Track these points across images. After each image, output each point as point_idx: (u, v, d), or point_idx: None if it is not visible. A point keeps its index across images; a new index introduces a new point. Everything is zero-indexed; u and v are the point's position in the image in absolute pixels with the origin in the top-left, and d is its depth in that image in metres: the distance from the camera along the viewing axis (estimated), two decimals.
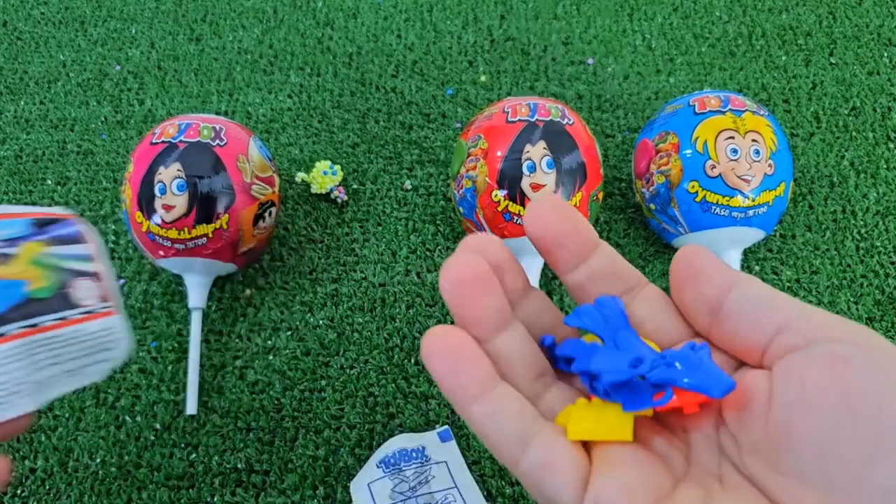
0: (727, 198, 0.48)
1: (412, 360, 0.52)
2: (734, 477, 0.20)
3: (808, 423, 0.18)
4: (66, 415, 0.50)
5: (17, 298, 0.26)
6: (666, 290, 0.23)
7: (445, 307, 0.54)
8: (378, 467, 0.46)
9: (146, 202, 0.48)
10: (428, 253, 0.57)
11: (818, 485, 0.17)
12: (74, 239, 0.30)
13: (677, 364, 0.20)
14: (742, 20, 0.70)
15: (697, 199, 0.49)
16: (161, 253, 0.49)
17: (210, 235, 0.48)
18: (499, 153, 0.49)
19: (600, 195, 0.52)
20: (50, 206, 0.60)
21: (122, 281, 0.56)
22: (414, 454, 0.46)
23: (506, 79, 0.67)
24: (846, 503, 0.17)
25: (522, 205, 0.48)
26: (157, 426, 0.50)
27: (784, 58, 0.67)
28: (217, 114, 0.65)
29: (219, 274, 0.52)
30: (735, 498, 0.19)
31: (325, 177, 0.58)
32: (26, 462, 0.48)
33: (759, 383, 0.20)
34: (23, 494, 0.47)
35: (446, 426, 0.48)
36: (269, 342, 0.53)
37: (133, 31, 0.72)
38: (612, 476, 0.19)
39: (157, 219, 0.48)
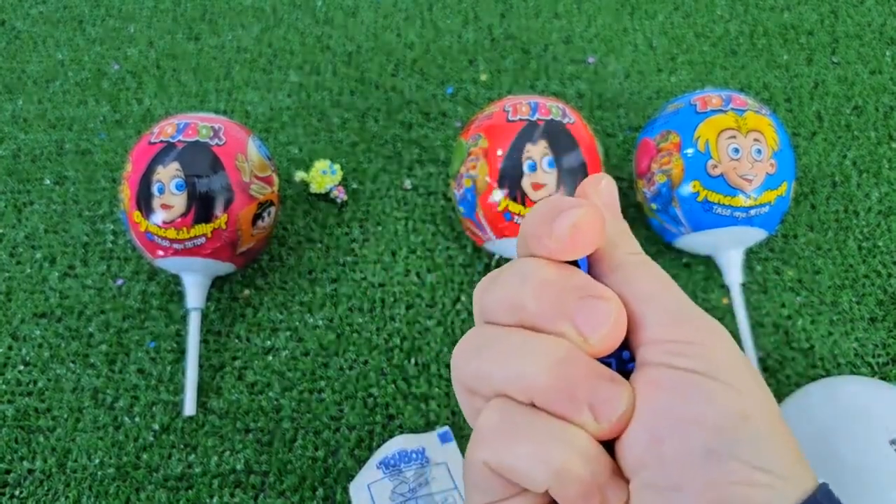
0: (729, 197, 0.48)
1: (412, 361, 0.51)
2: None
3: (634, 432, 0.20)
4: (65, 415, 0.50)
5: None
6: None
7: (445, 308, 0.54)
8: (378, 468, 0.45)
9: (144, 202, 0.48)
10: (428, 253, 0.56)
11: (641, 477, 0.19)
12: None
13: None
14: (743, 19, 0.70)
15: (699, 199, 0.49)
16: (160, 253, 0.49)
17: (209, 235, 0.48)
18: (499, 152, 0.49)
19: None
20: (48, 205, 0.60)
21: (120, 281, 0.55)
22: (414, 455, 0.46)
23: (506, 77, 0.66)
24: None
25: (523, 204, 0.48)
26: (156, 427, 0.49)
27: (786, 56, 0.67)
28: (216, 113, 0.65)
29: (217, 274, 0.51)
30: None
31: (324, 176, 0.58)
32: (24, 463, 0.48)
33: None
34: (21, 495, 0.47)
35: (446, 427, 0.48)
36: (268, 343, 0.53)
37: (131, 30, 0.71)
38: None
39: (155, 218, 0.47)
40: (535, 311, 0.20)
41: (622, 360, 0.21)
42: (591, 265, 0.21)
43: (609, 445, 0.20)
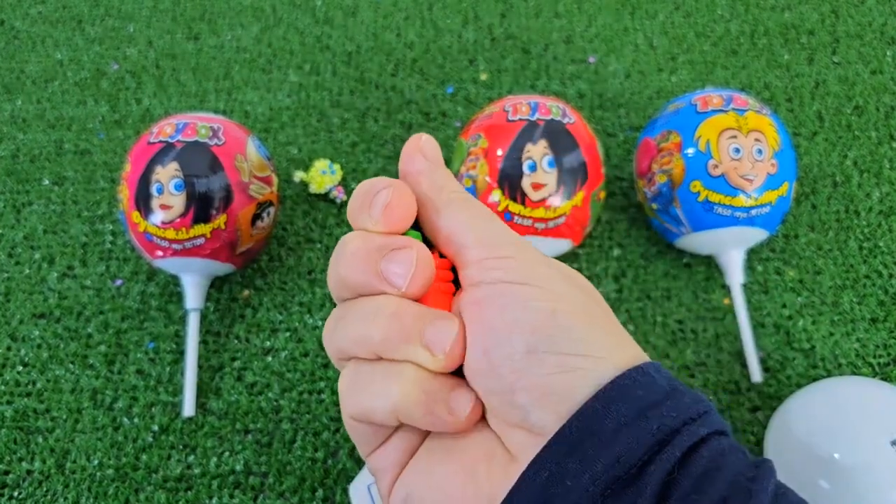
0: (730, 197, 0.48)
1: None
2: None
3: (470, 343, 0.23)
4: (64, 416, 0.50)
5: None
6: (669, 290, 0.24)
7: None
8: None
9: (143, 202, 0.47)
10: None
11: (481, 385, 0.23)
12: None
13: None
14: (744, 18, 0.70)
15: (700, 199, 0.49)
16: (158, 253, 0.49)
17: (208, 235, 0.48)
18: (499, 152, 0.48)
19: (602, 194, 0.52)
20: (47, 206, 0.59)
21: (119, 282, 0.55)
22: None
23: (506, 77, 0.66)
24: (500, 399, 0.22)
25: (523, 204, 0.48)
26: (155, 428, 0.49)
27: (787, 56, 0.67)
28: (215, 113, 0.65)
29: (216, 274, 0.51)
30: None
31: (323, 176, 0.58)
32: (23, 464, 0.48)
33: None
34: (20, 496, 0.47)
35: None
36: (268, 343, 0.53)
37: (131, 30, 0.71)
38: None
39: (154, 219, 0.47)
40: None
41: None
42: (421, 211, 0.25)
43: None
